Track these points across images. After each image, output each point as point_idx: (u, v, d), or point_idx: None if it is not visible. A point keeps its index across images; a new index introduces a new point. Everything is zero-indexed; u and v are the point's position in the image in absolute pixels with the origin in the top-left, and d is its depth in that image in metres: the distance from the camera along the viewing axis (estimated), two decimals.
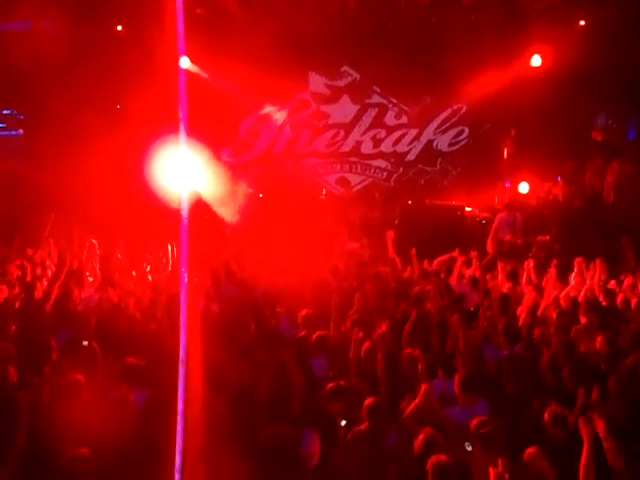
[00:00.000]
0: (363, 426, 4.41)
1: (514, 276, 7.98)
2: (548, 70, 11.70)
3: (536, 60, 11.86)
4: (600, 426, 3.78)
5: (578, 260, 7.67)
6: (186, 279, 2.90)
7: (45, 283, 7.47)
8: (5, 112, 13.71)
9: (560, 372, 4.98)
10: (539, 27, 11.81)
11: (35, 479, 3.95)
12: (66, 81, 11.20)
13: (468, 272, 8.12)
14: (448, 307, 6.55)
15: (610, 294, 6.97)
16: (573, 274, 7.75)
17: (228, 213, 10.70)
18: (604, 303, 6.83)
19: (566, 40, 11.37)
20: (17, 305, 6.85)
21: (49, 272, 8.09)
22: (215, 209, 10.57)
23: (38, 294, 6.99)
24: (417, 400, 4.59)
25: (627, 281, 7.32)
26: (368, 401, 4.46)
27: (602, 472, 3.77)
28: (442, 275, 8.00)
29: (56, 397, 4.51)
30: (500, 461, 3.48)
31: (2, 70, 11.58)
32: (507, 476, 3.44)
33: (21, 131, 13.64)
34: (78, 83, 11.35)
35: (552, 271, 7.64)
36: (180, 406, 2.70)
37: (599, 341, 5.39)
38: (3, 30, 12.17)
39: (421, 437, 4.02)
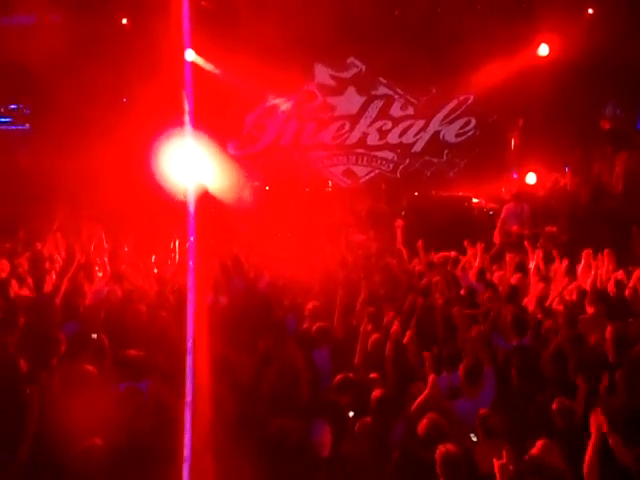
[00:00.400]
0: (370, 418, 4.42)
1: (522, 267, 7.95)
2: (556, 59, 11.60)
3: (544, 49, 11.76)
4: (603, 422, 3.75)
5: (586, 252, 7.62)
6: (193, 271, 2.92)
7: (53, 277, 7.51)
8: (12, 106, 13.75)
9: (566, 363, 4.97)
10: (547, 16, 11.69)
11: (48, 470, 3.99)
12: (72, 75, 11.19)
13: (475, 263, 8.10)
14: (456, 299, 6.55)
15: (618, 285, 6.94)
16: (581, 265, 7.72)
17: (234, 205, 10.72)
18: (612, 294, 6.81)
19: (574, 29, 11.26)
20: (26, 298, 6.89)
21: (57, 266, 8.13)
22: (222, 201, 10.60)
23: (47, 288, 7.04)
24: (425, 392, 4.60)
25: (636, 273, 7.25)
26: (375, 393, 4.46)
27: (609, 466, 3.76)
28: (448, 267, 7.99)
29: (66, 388, 4.55)
30: (505, 452, 3.48)
31: (8, 64, 11.60)
32: (511, 467, 3.45)
33: (28, 125, 13.69)
34: (84, 76, 11.34)
35: (559, 262, 7.61)
36: (188, 397, 2.72)
37: (607, 332, 5.37)
38: (9, 24, 12.19)
39: (425, 422, 4.04)
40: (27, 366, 4.78)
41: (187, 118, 2.99)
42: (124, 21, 12.53)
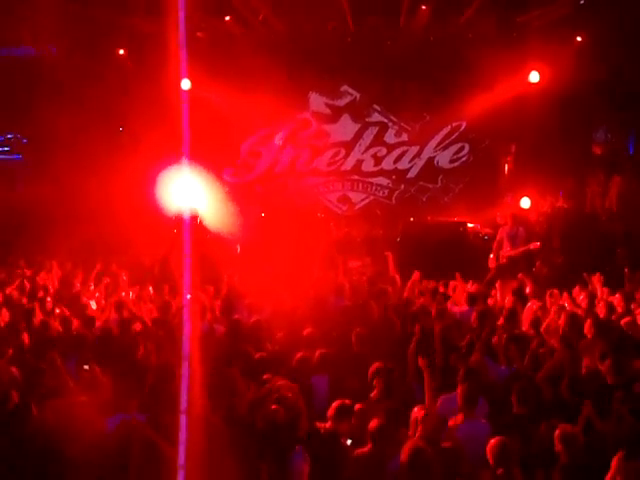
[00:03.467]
0: (367, 448, 4.36)
1: (519, 291, 7.94)
2: (546, 86, 11.78)
3: (534, 77, 11.94)
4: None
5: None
6: (188, 300, 2.91)
7: (48, 306, 7.47)
8: (9, 136, 13.84)
9: (563, 387, 4.95)
10: (536, 44, 11.91)
11: None
12: (69, 105, 11.31)
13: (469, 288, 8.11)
14: (453, 325, 6.53)
15: (611, 309, 6.97)
16: (576, 289, 7.75)
17: (230, 232, 10.72)
18: (606, 317, 6.82)
19: (563, 56, 11.46)
20: (19, 327, 6.84)
21: (50, 295, 8.10)
22: (217, 229, 10.60)
23: (40, 317, 6.98)
24: (423, 419, 4.55)
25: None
26: (373, 423, 4.41)
27: None
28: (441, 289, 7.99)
29: (57, 420, 4.48)
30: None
31: (6, 95, 11.71)
32: None
33: (25, 155, 13.75)
34: (81, 107, 11.46)
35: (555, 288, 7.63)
36: (181, 433, 2.67)
37: (603, 356, 5.36)
38: (7, 55, 12.34)
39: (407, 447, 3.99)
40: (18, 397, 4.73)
41: (183, 147, 3.01)
42: (121, 52, 12.69)
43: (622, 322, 6.66)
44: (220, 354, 5.69)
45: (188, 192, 3.21)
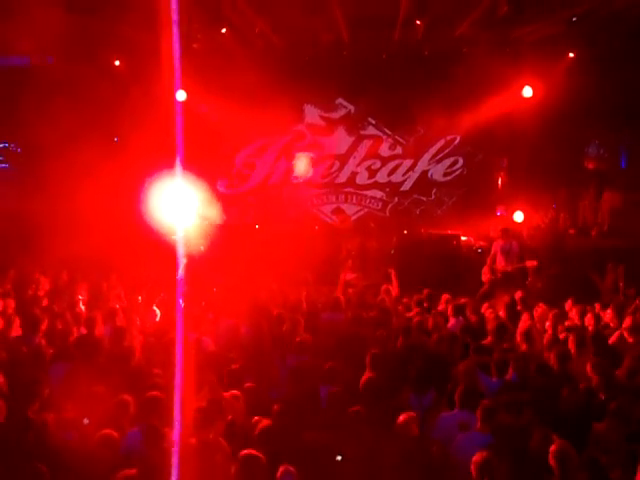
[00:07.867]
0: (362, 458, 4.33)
1: (512, 306, 7.95)
2: (539, 101, 11.88)
3: (527, 91, 12.05)
4: None
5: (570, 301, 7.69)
6: (182, 310, 2.89)
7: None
8: (2, 145, 13.79)
9: (557, 400, 4.95)
10: (530, 60, 12.04)
11: None
12: (64, 115, 11.29)
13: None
14: (447, 337, 6.52)
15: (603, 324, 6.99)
16: (568, 302, 7.77)
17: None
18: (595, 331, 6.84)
19: (556, 72, 11.58)
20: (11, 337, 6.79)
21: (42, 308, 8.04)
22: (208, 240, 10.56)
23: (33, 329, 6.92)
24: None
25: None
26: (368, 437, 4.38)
27: None
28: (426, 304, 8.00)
29: (50, 433, 4.43)
30: None
31: (1, 103, 11.69)
32: None
33: (18, 164, 13.69)
34: (76, 117, 11.43)
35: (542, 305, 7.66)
36: (175, 445, 2.65)
37: (590, 368, 5.38)
38: (2, 65, 12.33)
39: None
40: (7, 407, 4.68)
41: (178, 158, 3.01)
42: (117, 62, 12.71)
43: (610, 338, 6.68)
44: (212, 367, 5.66)
45: (182, 203, 3.20)
